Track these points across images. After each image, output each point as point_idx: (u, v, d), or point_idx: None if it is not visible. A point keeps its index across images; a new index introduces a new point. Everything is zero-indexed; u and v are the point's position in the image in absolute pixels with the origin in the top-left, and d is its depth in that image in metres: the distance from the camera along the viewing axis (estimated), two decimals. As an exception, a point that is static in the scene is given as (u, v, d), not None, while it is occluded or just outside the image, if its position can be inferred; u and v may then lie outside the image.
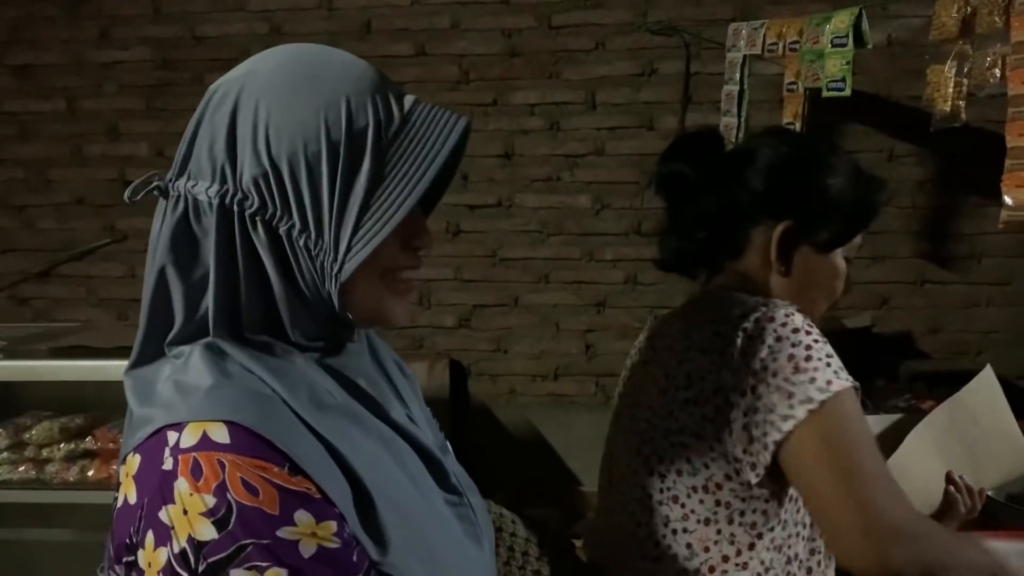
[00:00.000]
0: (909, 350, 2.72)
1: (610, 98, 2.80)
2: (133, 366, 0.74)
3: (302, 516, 0.64)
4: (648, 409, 1.13)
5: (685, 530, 1.08)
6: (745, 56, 2.41)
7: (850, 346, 2.50)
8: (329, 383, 0.74)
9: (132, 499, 0.65)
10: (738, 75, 2.43)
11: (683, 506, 1.07)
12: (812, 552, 1.10)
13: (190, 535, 0.62)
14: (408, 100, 0.73)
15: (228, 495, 0.63)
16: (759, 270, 1.13)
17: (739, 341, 1.02)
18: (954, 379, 2.32)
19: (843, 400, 0.97)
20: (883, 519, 0.94)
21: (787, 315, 1.02)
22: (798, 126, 2.31)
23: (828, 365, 0.99)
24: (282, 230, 0.69)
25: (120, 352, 1.93)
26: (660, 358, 1.14)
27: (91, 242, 2.98)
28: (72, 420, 2.09)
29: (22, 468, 2.04)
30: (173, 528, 0.63)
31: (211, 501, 0.63)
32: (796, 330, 1.00)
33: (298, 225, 0.69)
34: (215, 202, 0.69)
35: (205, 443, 0.64)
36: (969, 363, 2.66)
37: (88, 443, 2.05)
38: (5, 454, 2.05)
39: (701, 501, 1.06)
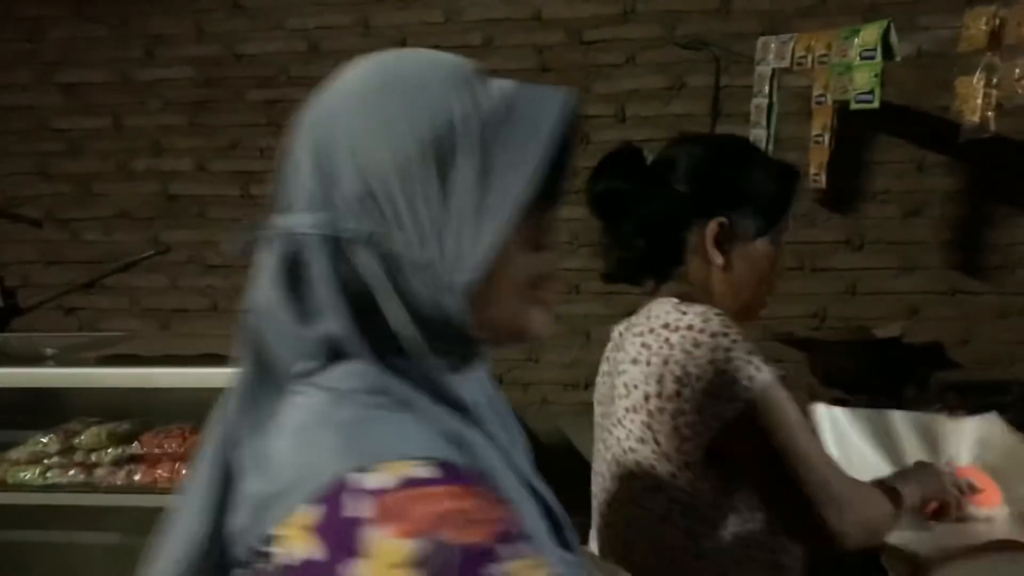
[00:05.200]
0: (940, 360, 2.71)
1: (640, 111, 2.84)
2: (245, 422, 0.64)
3: (522, 548, 0.55)
4: (608, 419, 1.21)
5: (644, 528, 1.14)
6: (774, 69, 2.44)
7: (880, 356, 2.54)
8: (466, 424, 0.64)
9: (319, 555, 0.54)
10: (767, 88, 2.46)
11: (641, 507, 1.14)
12: (773, 533, 1.13)
13: None
14: (505, 84, 0.65)
15: (438, 536, 0.53)
16: (700, 270, 1.19)
17: (662, 350, 1.10)
18: (986, 389, 2.34)
19: (767, 392, 1.05)
20: (827, 493, 1.04)
21: (704, 320, 1.09)
22: (827, 138, 2.33)
23: (749, 363, 1.05)
24: (385, 250, 0.61)
25: (165, 360, 2.00)
26: (613, 370, 1.22)
27: (135, 254, 3.06)
28: (119, 426, 2.16)
29: (71, 472, 2.11)
30: None
31: (420, 546, 0.52)
32: (714, 334, 1.07)
33: (401, 241, 0.61)
34: (314, 232, 0.62)
35: (408, 482, 0.55)
36: (1001, 373, 2.66)
37: (135, 448, 2.12)
38: (55, 458, 2.12)
39: (655, 500, 1.13)
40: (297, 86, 2.98)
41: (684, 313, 1.12)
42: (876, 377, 2.31)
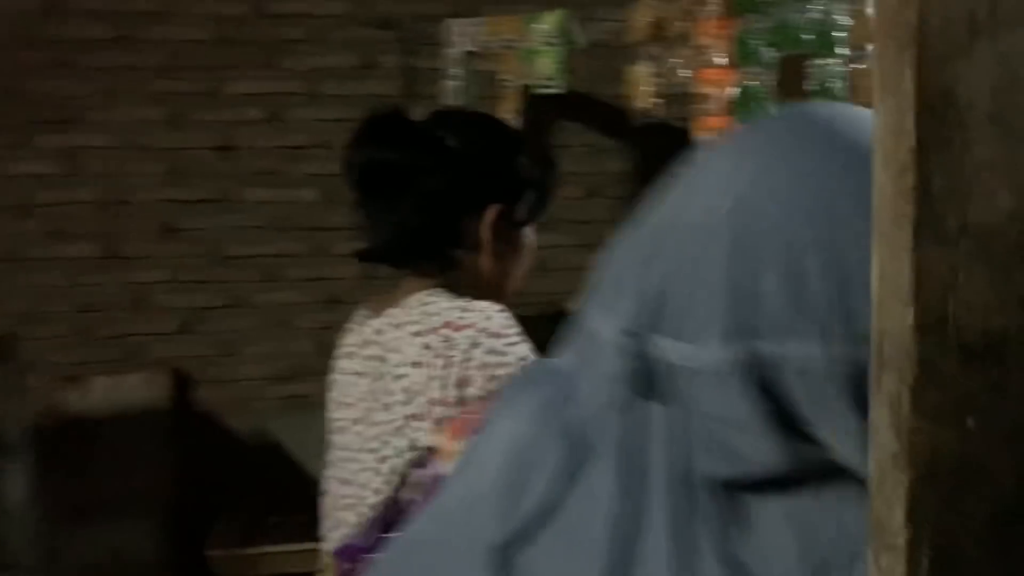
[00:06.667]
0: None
1: (333, 90, 2.76)
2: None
3: None
4: (377, 426, 1.14)
5: None
6: (464, 52, 2.47)
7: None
8: None
9: None
10: (457, 71, 2.49)
11: None
12: None
13: None
14: None
15: None
16: (469, 255, 1.18)
17: (445, 352, 1.08)
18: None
19: None
20: None
21: (487, 318, 1.10)
22: (515, 122, 2.41)
23: (520, 366, 1.08)
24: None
25: None
26: (378, 371, 1.15)
27: None
28: None
29: None
30: None
31: None
32: (493, 335, 1.09)
33: None
34: (835, 367, 0.46)
35: None
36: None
37: None
38: None
39: None
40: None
41: (465, 311, 1.10)
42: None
